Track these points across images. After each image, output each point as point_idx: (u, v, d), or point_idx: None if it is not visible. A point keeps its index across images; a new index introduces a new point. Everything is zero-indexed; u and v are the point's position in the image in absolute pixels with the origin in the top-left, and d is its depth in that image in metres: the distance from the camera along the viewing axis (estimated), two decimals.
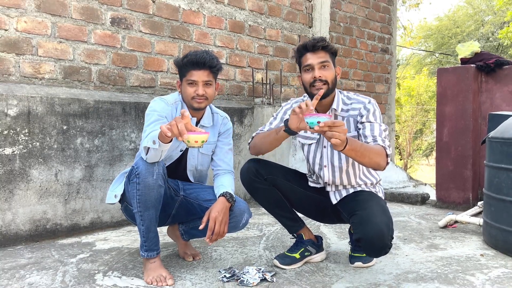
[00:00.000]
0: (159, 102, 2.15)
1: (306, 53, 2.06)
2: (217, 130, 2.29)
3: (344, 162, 2.15)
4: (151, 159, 1.92)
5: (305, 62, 2.07)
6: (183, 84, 2.14)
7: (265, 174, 2.19)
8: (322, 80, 2.03)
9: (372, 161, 1.88)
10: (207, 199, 2.18)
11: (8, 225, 2.58)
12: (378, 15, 5.89)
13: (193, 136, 1.69)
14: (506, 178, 2.47)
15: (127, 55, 3.34)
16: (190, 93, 2.10)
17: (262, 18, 4.35)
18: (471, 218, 3.07)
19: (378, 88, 5.92)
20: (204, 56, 2.08)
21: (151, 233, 2.01)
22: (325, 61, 2.04)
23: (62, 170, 2.78)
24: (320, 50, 2.05)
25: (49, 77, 2.95)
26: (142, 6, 3.41)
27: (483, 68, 3.84)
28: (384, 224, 1.89)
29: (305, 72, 2.08)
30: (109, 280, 2.03)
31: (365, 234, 1.88)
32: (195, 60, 2.07)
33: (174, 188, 2.21)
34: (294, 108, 1.83)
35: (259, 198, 2.27)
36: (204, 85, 2.10)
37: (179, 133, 1.67)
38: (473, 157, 3.76)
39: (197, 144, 1.71)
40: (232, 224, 2.13)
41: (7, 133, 2.56)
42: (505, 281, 2.07)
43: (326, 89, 2.04)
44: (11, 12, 2.77)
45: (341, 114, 2.13)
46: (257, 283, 1.98)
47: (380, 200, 2.11)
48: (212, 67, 2.11)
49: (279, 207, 2.28)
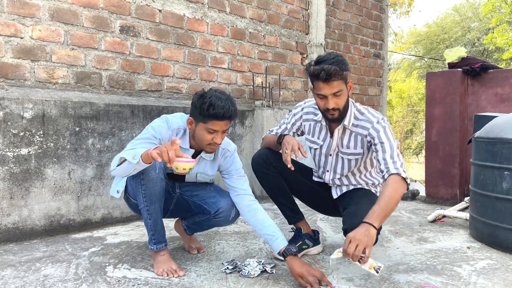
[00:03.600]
0: (161, 124, 2.00)
1: (319, 81, 1.90)
2: (217, 163, 2.17)
3: (346, 171, 2.16)
4: (119, 172, 1.85)
5: (318, 90, 1.92)
6: (201, 128, 1.93)
7: (273, 162, 2.19)
8: (335, 109, 1.94)
9: (398, 201, 1.83)
10: (201, 196, 2.16)
11: (25, 221, 2.59)
12: (371, 22, 5.89)
13: (181, 164, 1.67)
14: (491, 175, 2.47)
15: (135, 61, 3.35)
16: (207, 139, 1.93)
17: (262, 25, 4.35)
18: (458, 213, 3.07)
19: (371, 91, 5.92)
20: (230, 109, 1.90)
21: (158, 226, 2.01)
22: (338, 91, 1.90)
23: (75, 169, 2.78)
24: (333, 81, 1.89)
25: (62, 82, 2.95)
26: (149, 15, 3.41)
27: (469, 72, 3.84)
28: None
29: (318, 96, 1.95)
30: (119, 272, 2.03)
31: (350, 226, 1.84)
32: (222, 114, 1.88)
33: (171, 185, 2.18)
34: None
35: (265, 184, 2.26)
36: (222, 133, 1.95)
37: (169, 160, 1.64)
38: (460, 155, 3.76)
39: (185, 171, 1.69)
40: (222, 219, 2.12)
41: (23, 134, 2.57)
42: (490, 272, 2.08)
43: (338, 114, 1.97)
44: (27, 21, 2.77)
45: (351, 128, 2.06)
46: (258, 274, 1.99)
47: (372, 196, 2.11)
48: (233, 118, 1.96)
49: (282, 196, 2.28)
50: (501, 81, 3.74)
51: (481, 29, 20.85)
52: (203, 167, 2.15)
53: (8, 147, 2.51)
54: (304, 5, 4.81)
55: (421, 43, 23.10)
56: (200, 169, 2.15)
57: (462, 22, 22.16)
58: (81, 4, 3.01)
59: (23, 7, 2.75)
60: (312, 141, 2.21)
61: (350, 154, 2.11)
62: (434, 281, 1.94)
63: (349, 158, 2.12)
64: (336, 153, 2.14)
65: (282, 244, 1.94)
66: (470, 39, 21.29)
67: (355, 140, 2.08)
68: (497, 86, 3.76)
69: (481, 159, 2.57)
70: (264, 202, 3.66)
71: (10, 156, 2.51)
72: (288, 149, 1.95)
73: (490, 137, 2.50)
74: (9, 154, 2.51)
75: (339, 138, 2.11)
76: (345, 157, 2.13)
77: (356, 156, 2.11)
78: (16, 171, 2.54)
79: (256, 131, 3.97)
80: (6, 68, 2.70)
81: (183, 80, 3.68)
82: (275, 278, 1.97)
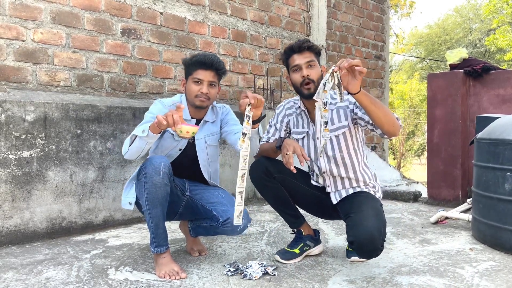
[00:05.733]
0: (157, 104, 2.17)
1: (293, 54, 2.08)
2: (219, 120, 2.29)
3: (337, 152, 2.11)
4: (132, 153, 1.95)
5: (293, 63, 2.08)
6: (189, 82, 2.13)
7: (274, 173, 2.16)
8: (310, 79, 2.04)
9: (388, 117, 1.85)
10: (211, 201, 2.16)
11: (26, 223, 2.59)
12: (372, 24, 5.89)
13: (185, 127, 1.77)
14: (493, 177, 2.46)
15: (136, 63, 3.35)
16: (194, 90, 2.10)
17: (263, 27, 4.35)
18: (460, 215, 3.06)
19: (372, 92, 5.91)
20: (212, 58, 2.10)
21: (159, 229, 2.01)
22: (311, 60, 2.06)
23: (77, 171, 2.79)
24: (306, 50, 2.06)
25: (64, 84, 2.96)
26: (151, 18, 3.42)
27: (471, 73, 3.83)
28: (375, 228, 1.83)
29: (293, 72, 2.09)
30: (121, 274, 2.03)
31: (356, 237, 1.84)
32: (203, 61, 2.08)
33: (181, 188, 2.21)
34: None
35: (266, 194, 2.25)
36: (208, 85, 2.10)
37: (173, 122, 1.74)
38: (462, 157, 3.75)
39: (188, 134, 1.78)
40: (230, 229, 2.11)
41: (25, 137, 2.57)
42: (493, 273, 2.07)
43: (313, 87, 2.04)
44: (28, 24, 2.78)
45: (330, 107, 2.09)
46: (260, 276, 1.98)
47: (376, 203, 2.05)
48: (219, 69, 2.12)
49: (283, 204, 2.26)
50: (503, 82, 3.74)
51: (482, 30, 20.83)
52: (208, 129, 2.24)
53: (10, 149, 2.51)
54: (305, 7, 4.82)
55: (422, 45, 23.09)
56: (206, 131, 2.23)
57: (464, 23, 22.15)
58: (83, 7, 3.02)
59: (24, 10, 2.76)
60: (299, 132, 2.21)
61: (336, 128, 2.10)
62: (436, 283, 1.94)
63: (336, 133, 2.10)
64: (322, 134, 2.13)
65: None
66: (471, 40, 21.27)
67: (337, 113, 2.10)
68: (499, 87, 3.75)
69: (483, 161, 2.56)
70: (265, 204, 3.66)
71: (12, 158, 2.52)
72: (289, 151, 1.93)
73: (492, 138, 2.49)
74: (11, 157, 2.51)
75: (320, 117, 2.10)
76: (332, 135, 2.11)
77: (342, 129, 2.10)
78: (18, 173, 2.54)
79: None
80: (8, 71, 2.71)
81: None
82: (277, 280, 1.96)
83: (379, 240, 1.84)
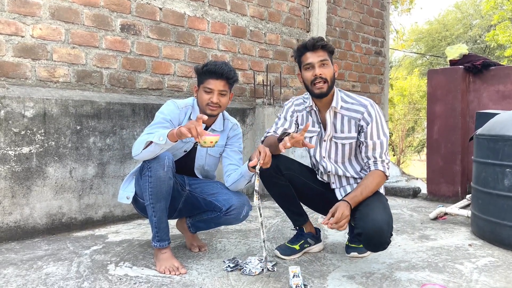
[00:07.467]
0: (170, 105, 2.16)
1: (306, 52, 2.05)
2: (226, 134, 2.28)
3: (340, 157, 2.15)
4: (144, 156, 1.93)
5: (306, 61, 2.05)
6: (200, 90, 2.12)
7: (283, 170, 2.17)
8: (322, 78, 2.02)
9: (375, 190, 2.04)
10: (212, 192, 2.17)
11: (26, 219, 2.59)
12: (372, 20, 5.88)
13: (209, 137, 1.79)
14: (492, 173, 2.47)
15: (136, 59, 3.34)
16: (205, 99, 2.09)
17: (262, 23, 4.34)
18: (460, 210, 3.07)
19: (372, 88, 5.91)
20: (222, 67, 2.08)
21: (162, 224, 2.02)
22: (324, 59, 2.03)
23: (76, 167, 2.79)
24: (319, 49, 2.03)
25: (63, 80, 2.95)
26: (150, 13, 3.41)
27: (471, 69, 3.83)
28: (384, 221, 1.87)
29: (305, 70, 2.06)
30: (120, 270, 2.03)
31: (365, 229, 1.87)
32: (214, 70, 2.07)
33: (180, 183, 2.21)
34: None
35: (274, 192, 2.24)
36: (219, 94, 2.09)
37: (197, 134, 1.76)
38: (462, 153, 3.75)
39: (212, 144, 1.81)
40: (233, 216, 2.13)
41: (24, 133, 2.57)
42: (492, 269, 2.07)
43: (326, 87, 2.03)
44: (27, 20, 2.77)
45: (341, 112, 2.10)
46: (259, 272, 1.99)
47: (382, 198, 2.08)
48: (229, 78, 2.10)
49: (290, 202, 2.27)
50: (502, 78, 3.73)
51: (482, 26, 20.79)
52: None
53: (9, 146, 2.51)
54: (305, 2, 4.80)
55: (422, 41, 23.05)
56: None
57: (464, 19, 22.10)
58: (82, 3, 3.01)
59: (23, 6, 2.75)
60: (310, 131, 2.20)
61: (344, 138, 2.11)
62: (435, 278, 1.94)
63: (343, 142, 2.12)
64: (330, 139, 2.14)
65: None
66: (471, 36, 21.23)
67: (348, 124, 2.10)
68: (499, 83, 3.75)
69: (482, 157, 2.56)
70: (265, 200, 3.66)
71: (11, 155, 2.52)
72: (292, 137, 1.88)
73: (492, 135, 2.49)
74: (10, 153, 2.51)
75: (331, 123, 2.11)
76: (339, 142, 2.12)
77: (350, 140, 2.11)
78: (18, 169, 2.54)
79: (257, 129, 3.97)
80: (7, 67, 2.70)
81: (184, 78, 3.68)
82: (276, 276, 1.97)
83: (387, 233, 1.89)
